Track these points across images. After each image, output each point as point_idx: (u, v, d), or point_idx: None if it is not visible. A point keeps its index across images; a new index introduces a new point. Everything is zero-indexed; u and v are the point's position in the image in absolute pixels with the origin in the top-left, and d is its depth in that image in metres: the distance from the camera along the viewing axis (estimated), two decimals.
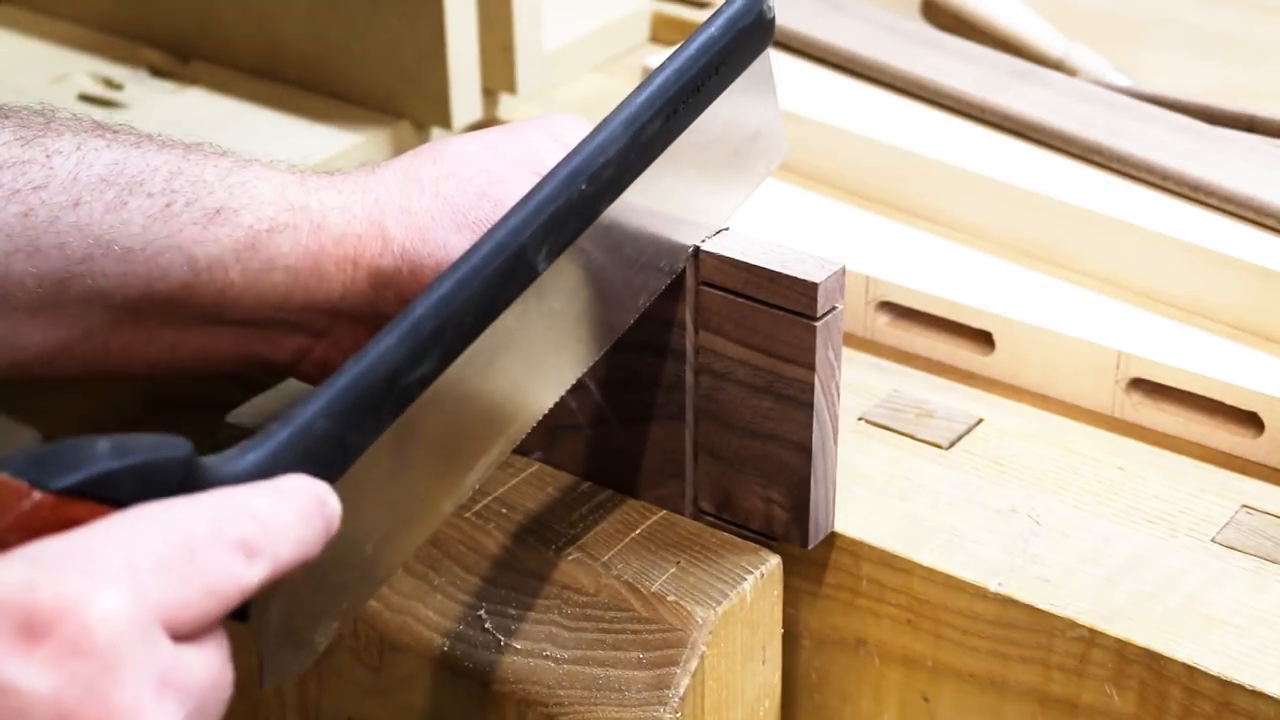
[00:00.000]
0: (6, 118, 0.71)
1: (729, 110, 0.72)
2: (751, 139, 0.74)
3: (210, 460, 0.53)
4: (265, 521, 0.52)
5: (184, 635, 0.50)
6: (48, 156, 0.69)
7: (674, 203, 0.70)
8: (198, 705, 0.49)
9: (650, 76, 0.68)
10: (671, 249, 0.71)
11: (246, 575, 0.51)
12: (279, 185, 0.72)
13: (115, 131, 0.72)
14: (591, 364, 0.69)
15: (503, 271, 0.62)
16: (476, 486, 0.65)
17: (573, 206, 0.65)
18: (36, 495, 0.48)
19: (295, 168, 0.74)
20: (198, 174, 0.71)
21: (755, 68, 0.72)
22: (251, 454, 0.54)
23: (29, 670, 0.46)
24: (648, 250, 0.70)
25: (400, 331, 0.59)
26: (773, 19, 0.72)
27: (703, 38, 0.69)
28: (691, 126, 0.70)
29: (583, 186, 0.65)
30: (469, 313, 0.61)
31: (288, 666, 0.58)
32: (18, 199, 0.68)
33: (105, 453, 0.50)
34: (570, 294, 0.66)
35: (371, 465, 0.58)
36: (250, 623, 0.53)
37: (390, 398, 0.58)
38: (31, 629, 0.47)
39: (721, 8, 0.70)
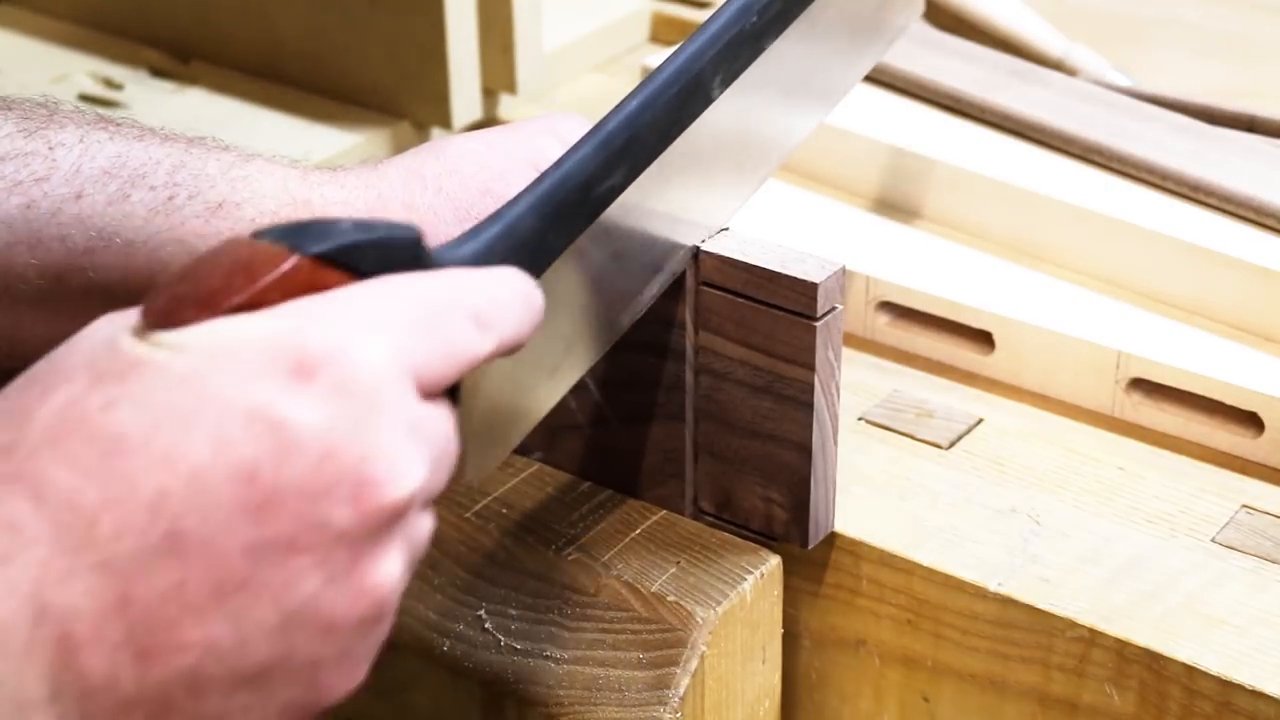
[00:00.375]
0: (9, 109, 0.71)
1: None
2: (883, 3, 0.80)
3: (434, 247, 0.57)
4: (493, 299, 0.55)
5: (426, 394, 0.52)
6: (50, 149, 0.70)
7: (813, 58, 0.75)
8: (436, 457, 0.52)
9: None
10: (804, 110, 0.76)
11: (478, 344, 0.54)
12: (281, 179, 0.72)
13: (118, 124, 0.72)
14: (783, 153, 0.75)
15: (683, 94, 0.67)
16: (648, 303, 0.70)
17: (744, 37, 0.69)
18: (294, 259, 0.52)
19: (298, 163, 0.74)
20: (200, 167, 0.71)
21: None
22: (468, 245, 0.59)
23: (300, 405, 0.49)
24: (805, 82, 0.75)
25: (595, 143, 0.63)
26: None
27: None
28: None
29: (753, 19, 0.69)
30: (654, 130, 0.66)
31: (486, 461, 0.61)
32: (20, 191, 0.69)
33: (350, 228, 0.53)
34: (727, 127, 0.71)
35: (564, 270, 0.62)
36: (459, 408, 0.55)
37: (585, 204, 0.63)
38: (302, 369, 0.49)
39: None
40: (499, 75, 1.04)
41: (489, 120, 1.05)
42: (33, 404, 0.49)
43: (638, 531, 0.75)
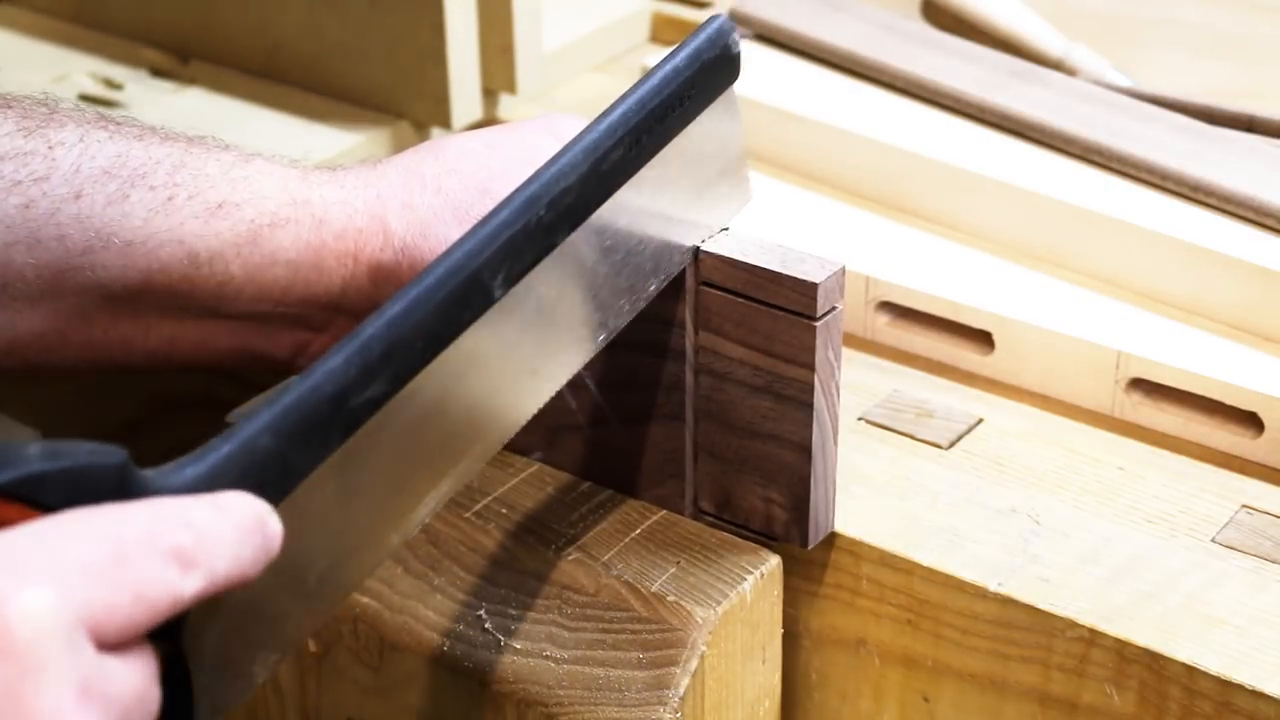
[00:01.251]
0: (9, 108, 0.71)
1: (693, 146, 0.70)
2: (718, 177, 0.73)
3: (147, 472, 0.52)
4: (202, 533, 0.50)
5: (111, 645, 0.48)
6: (50, 148, 0.69)
7: (637, 232, 0.69)
8: (121, 714, 0.48)
9: (612, 106, 0.67)
10: (635, 275, 0.70)
11: (180, 586, 0.49)
12: (281, 179, 0.72)
13: (118, 124, 0.72)
14: (555, 390, 0.68)
15: (457, 296, 0.60)
16: (425, 522, 0.63)
17: (530, 232, 0.63)
18: None
19: (297, 162, 0.74)
20: (200, 167, 0.71)
21: (721, 104, 0.71)
22: (190, 468, 0.53)
23: None
24: (609, 278, 0.69)
25: (349, 351, 0.57)
26: (738, 54, 0.71)
27: (667, 68, 0.68)
28: (655, 159, 0.68)
29: (541, 213, 0.63)
30: (421, 336, 0.59)
31: (225, 698, 0.56)
32: (19, 190, 0.68)
33: (37, 455, 0.49)
34: (530, 317, 0.65)
35: (316, 490, 0.56)
36: (185, 649, 0.52)
37: (338, 419, 0.56)
38: None
39: (688, 39, 0.69)
40: (499, 75, 1.04)
41: (489, 120, 1.05)
42: None
43: (638, 531, 0.75)
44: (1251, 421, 0.80)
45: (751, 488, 0.74)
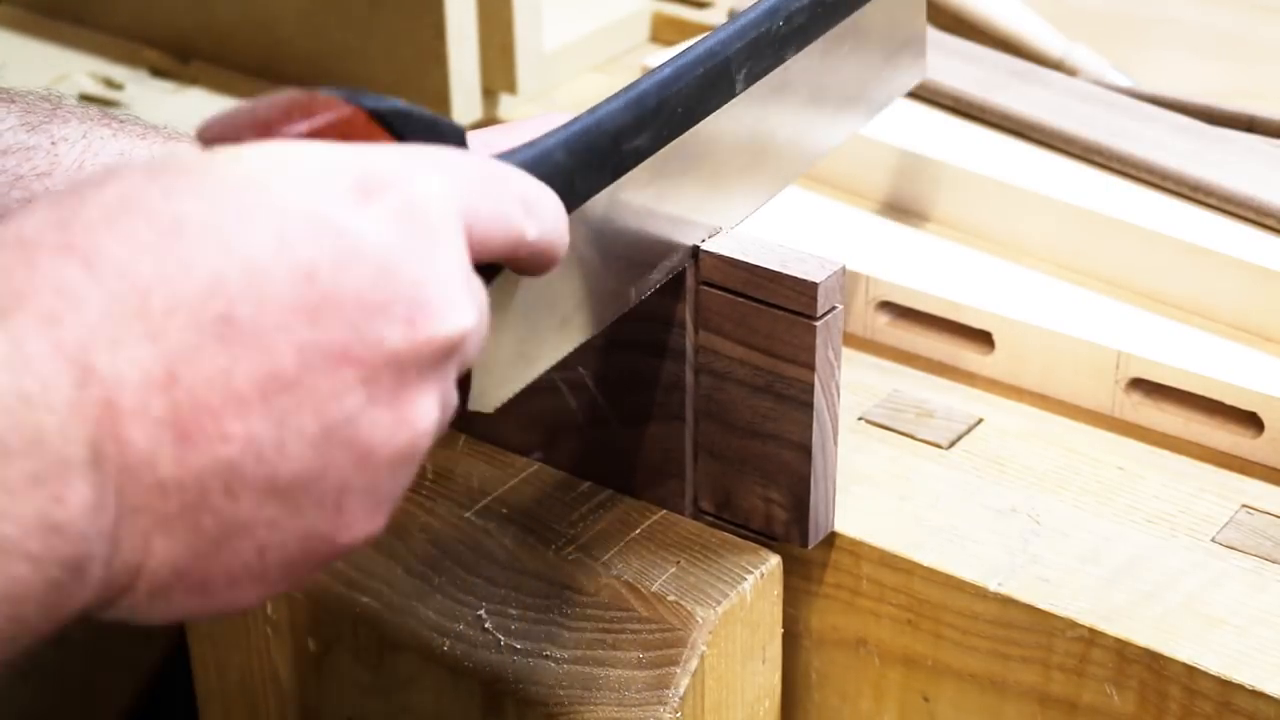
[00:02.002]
0: (12, 102, 0.71)
1: (890, 9, 0.80)
2: (902, 46, 0.83)
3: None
4: (539, 193, 0.56)
5: (475, 253, 0.52)
6: (53, 144, 0.69)
7: (835, 82, 0.78)
8: (480, 316, 0.52)
9: None
10: (818, 137, 0.78)
11: (524, 225, 0.54)
12: None
13: (121, 121, 0.72)
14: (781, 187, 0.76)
15: (710, 75, 0.68)
16: (657, 284, 0.69)
17: (770, 39, 0.71)
18: (352, 108, 0.52)
19: None
20: None
21: None
22: (504, 158, 0.58)
23: (363, 219, 0.49)
24: (803, 123, 0.77)
25: (628, 99, 0.64)
26: None
27: None
28: (862, 9, 0.77)
29: (780, 23, 0.71)
30: (683, 101, 0.67)
31: (488, 392, 0.61)
32: (21, 185, 0.69)
33: (405, 103, 0.54)
34: (741, 137, 0.72)
35: (582, 223, 0.62)
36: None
37: (612, 156, 0.63)
38: (366, 187, 0.49)
39: None
40: (499, 75, 1.04)
41: (489, 120, 1.05)
42: (89, 191, 0.48)
43: (638, 531, 0.75)
44: (1251, 421, 0.80)
45: (751, 488, 0.74)
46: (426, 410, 0.50)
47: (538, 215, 0.55)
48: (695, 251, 0.71)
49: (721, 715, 0.73)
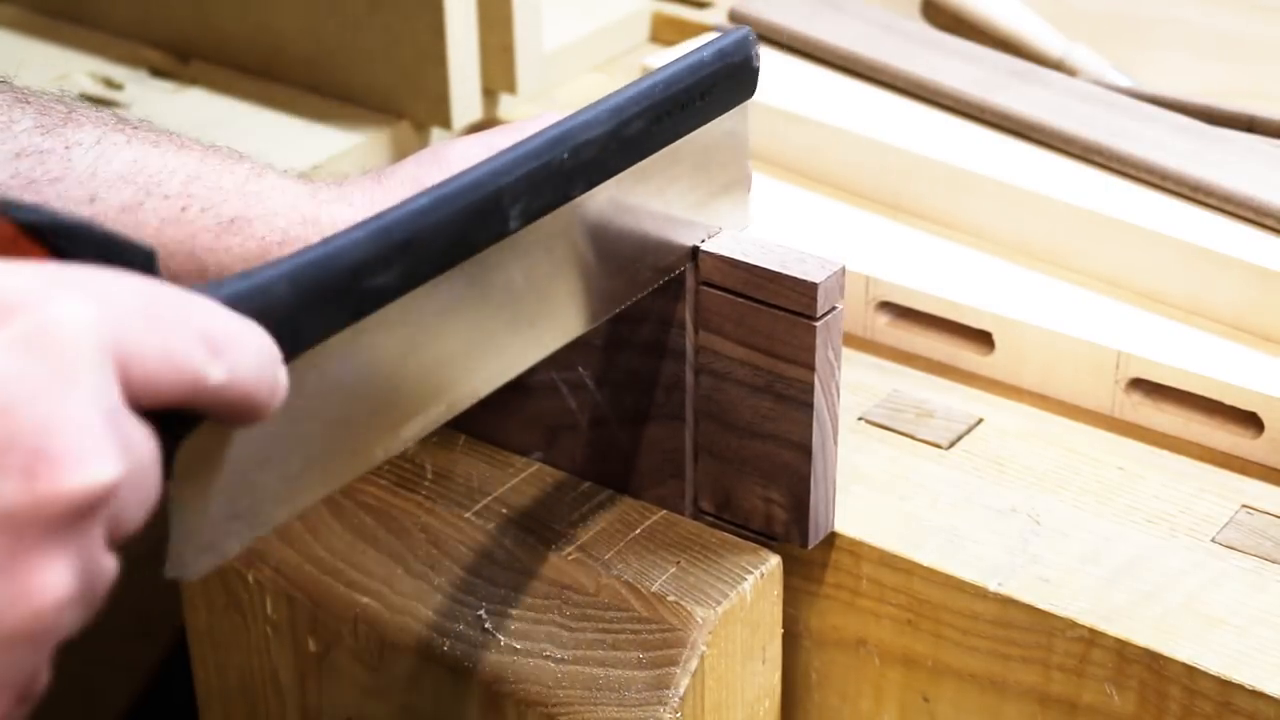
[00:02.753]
0: (27, 103, 0.70)
1: (703, 149, 0.71)
2: (721, 191, 0.73)
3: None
4: (231, 332, 0.48)
5: (134, 398, 0.46)
6: (66, 148, 0.69)
7: (641, 218, 0.69)
8: (134, 473, 0.45)
9: (638, 80, 0.68)
10: (633, 266, 0.70)
11: (206, 367, 0.47)
12: (292, 197, 0.72)
13: (135, 127, 0.72)
14: (546, 355, 0.67)
15: (477, 209, 0.60)
16: (411, 443, 0.62)
17: (551, 172, 0.63)
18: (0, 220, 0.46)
19: (306, 178, 0.74)
20: (215, 180, 0.71)
21: (736, 114, 0.72)
22: (210, 289, 0.51)
23: None
24: (613, 257, 0.69)
25: (370, 229, 0.56)
26: (758, 69, 0.72)
27: (692, 59, 0.70)
28: (668, 149, 0.69)
29: (564, 155, 0.64)
30: (439, 237, 0.59)
31: (193, 562, 0.53)
32: (33, 189, 0.68)
33: (83, 219, 0.48)
34: (532, 278, 0.65)
35: (313, 370, 0.54)
36: (170, 480, 0.49)
37: (350, 295, 0.55)
38: None
39: (714, 39, 0.71)
40: (499, 75, 1.04)
41: (489, 120, 1.05)
42: None
43: (638, 531, 0.75)
44: (1251, 421, 0.80)
45: (751, 488, 0.74)
46: (54, 580, 0.43)
47: (228, 357, 0.47)
48: (695, 252, 0.71)
49: (721, 715, 0.73)
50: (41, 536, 0.43)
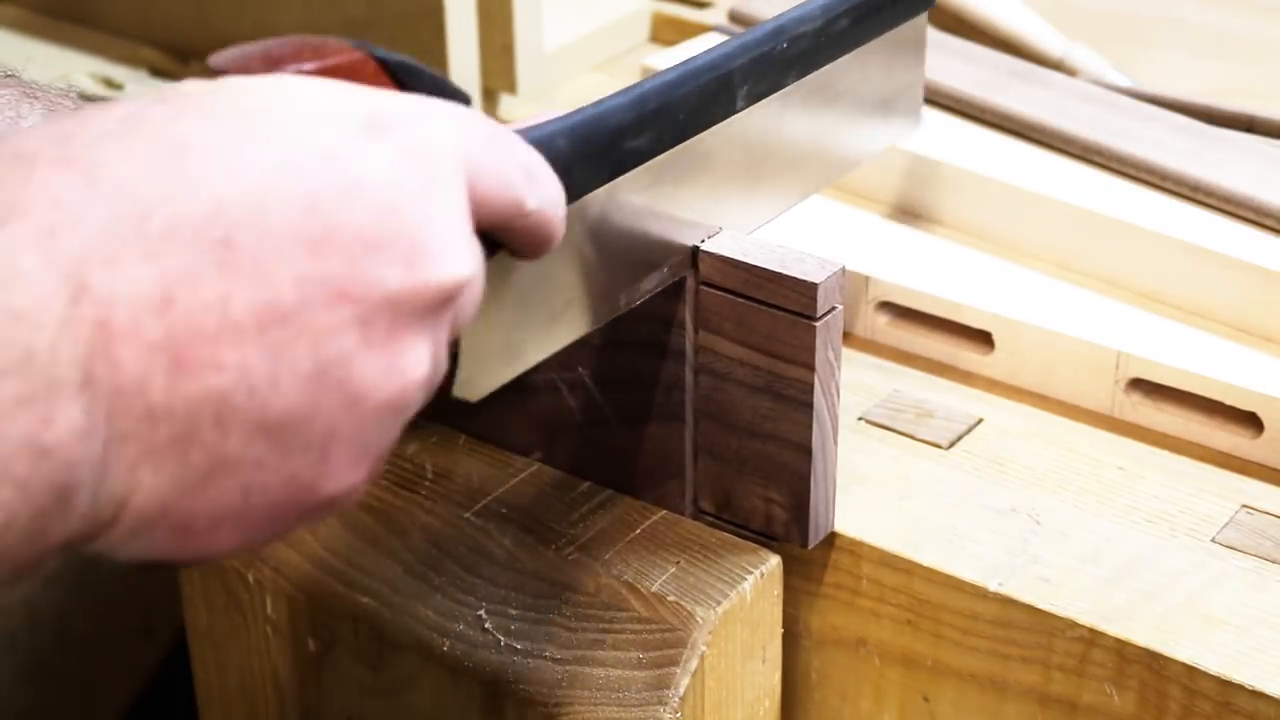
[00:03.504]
0: (35, 98, 0.70)
1: (892, 49, 0.81)
2: (902, 90, 0.84)
3: None
4: (540, 167, 0.55)
5: (475, 211, 0.52)
6: None
7: (835, 116, 0.79)
8: (478, 276, 0.51)
9: None
10: (816, 173, 0.79)
11: (526, 192, 0.53)
12: None
13: None
14: (772, 216, 0.76)
15: (713, 85, 0.68)
16: (648, 295, 0.69)
17: (773, 59, 0.71)
18: (360, 54, 0.53)
19: None
20: None
21: (916, 23, 0.83)
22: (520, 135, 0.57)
23: (370, 155, 0.48)
24: (800, 153, 0.77)
25: (631, 97, 0.64)
26: None
27: None
28: (866, 45, 0.78)
29: (784, 44, 0.72)
30: (683, 107, 0.66)
31: (470, 384, 0.60)
32: None
33: (414, 60, 0.55)
34: (752, 151, 0.73)
35: (578, 220, 0.62)
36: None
37: (611, 152, 0.63)
38: (374, 124, 0.49)
39: None
40: (499, 75, 1.04)
41: None
42: (93, 111, 0.47)
43: (638, 531, 0.75)
44: (1251, 421, 0.80)
45: (751, 488, 0.74)
46: (418, 359, 0.49)
47: (539, 187, 0.54)
48: (694, 253, 0.71)
49: (721, 715, 0.73)
50: (413, 320, 0.49)
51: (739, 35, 0.71)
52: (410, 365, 0.49)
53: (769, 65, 0.71)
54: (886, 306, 0.88)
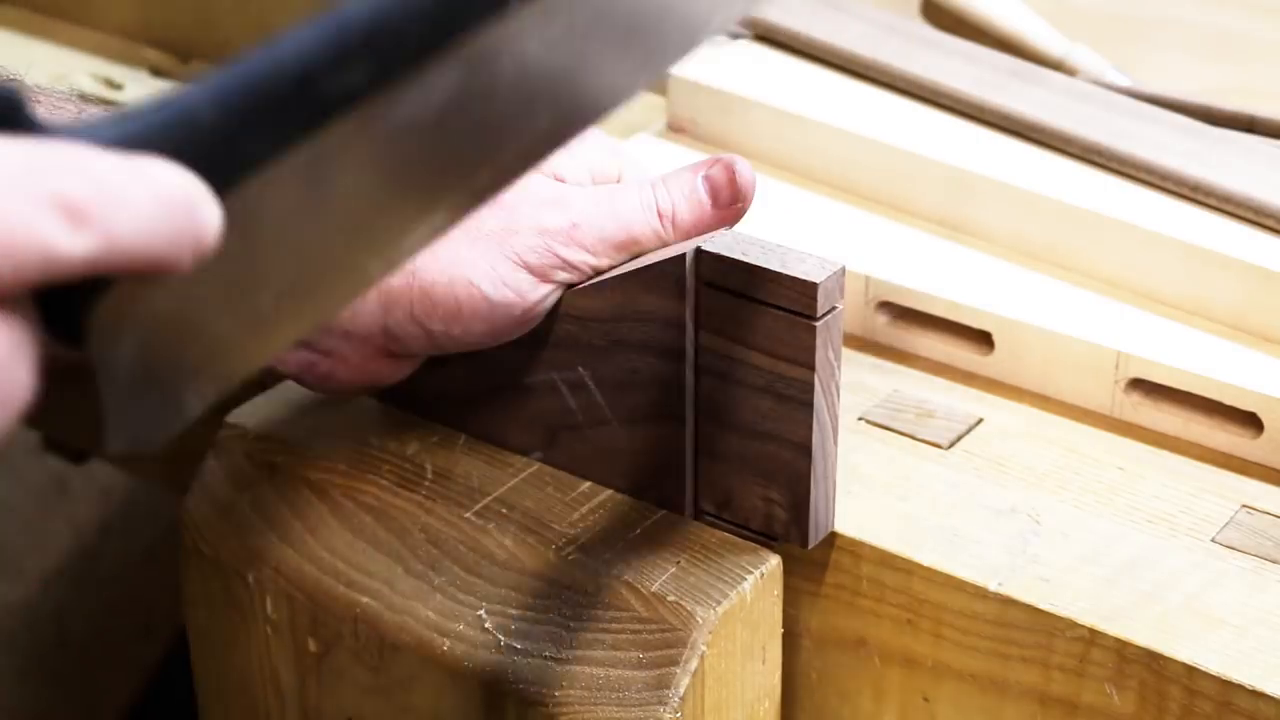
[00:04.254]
0: (37, 102, 0.70)
1: None
2: None
3: (51, 120, 0.43)
4: (103, 188, 0.42)
5: None
6: None
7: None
8: None
9: None
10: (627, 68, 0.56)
11: (58, 239, 0.41)
12: None
13: None
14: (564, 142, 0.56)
15: None
16: (416, 253, 0.53)
17: None
18: None
19: None
20: None
21: None
22: (109, 128, 0.44)
23: None
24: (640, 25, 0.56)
25: (324, 27, 0.48)
26: None
27: None
28: None
29: None
30: (417, 20, 0.48)
31: (145, 428, 0.46)
32: None
33: None
34: (544, 55, 0.53)
35: (276, 189, 0.47)
36: (89, 351, 0.43)
37: (303, 105, 0.47)
38: None
39: None
40: None
41: None
42: None
43: (638, 531, 0.75)
44: (1251, 421, 0.80)
45: (751, 488, 0.74)
46: None
47: (99, 220, 0.42)
48: (696, 252, 0.71)
49: (721, 715, 0.73)
50: None
51: None
52: None
53: None
54: (886, 306, 0.88)
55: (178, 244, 0.43)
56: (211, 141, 0.45)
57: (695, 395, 0.74)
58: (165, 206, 0.43)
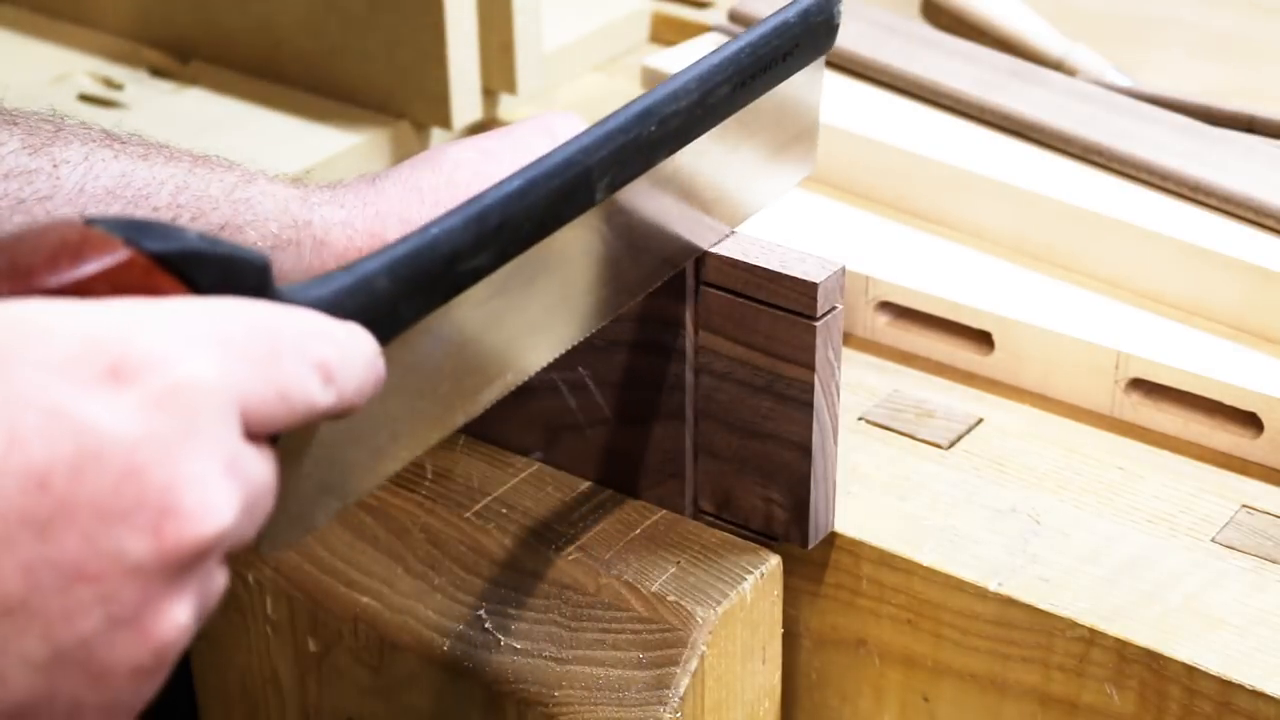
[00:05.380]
0: (15, 124, 0.70)
1: (782, 104, 0.72)
2: (793, 141, 0.75)
3: (282, 285, 0.52)
4: (344, 352, 0.50)
5: (252, 434, 0.48)
6: (54, 166, 0.69)
7: (712, 182, 0.70)
8: (251, 504, 0.47)
9: (723, 46, 0.68)
10: (688, 237, 0.71)
11: (319, 397, 0.49)
12: (283, 201, 0.72)
13: (124, 141, 0.71)
14: (597, 326, 0.69)
15: (566, 187, 0.61)
16: (487, 406, 0.63)
17: (639, 144, 0.64)
18: (128, 252, 0.47)
19: (298, 181, 0.74)
20: (204, 189, 0.71)
21: (812, 71, 0.73)
22: (316, 289, 0.53)
23: (110, 411, 0.44)
24: (670, 226, 0.70)
25: (466, 215, 0.58)
26: (837, 25, 0.73)
27: (777, 20, 0.70)
28: (749, 106, 0.70)
29: (652, 128, 0.65)
30: (531, 217, 0.60)
31: (286, 536, 0.55)
32: (23, 209, 0.68)
33: (196, 236, 0.49)
34: (619, 232, 0.66)
35: (407, 345, 0.57)
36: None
37: (446, 278, 0.57)
38: (119, 371, 0.45)
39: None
40: (499, 75, 1.04)
41: (489, 120, 1.05)
42: None
43: (638, 531, 0.75)
44: (1251, 421, 0.80)
45: (751, 488, 0.74)
46: (175, 623, 0.46)
47: (340, 379, 0.50)
48: (699, 253, 0.71)
49: (721, 715, 0.73)
50: (167, 582, 0.45)
51: (606, 120, 0.63)
52: (166, 630, 0.46)
53: (633, 153, 0.64)
54: (886, 306, 0.88)
55: (367, 394, 0.52)
56: (382, 308, 0.54)
57: (695, 395, 0.74)
58: (366, 365, 0.51)
